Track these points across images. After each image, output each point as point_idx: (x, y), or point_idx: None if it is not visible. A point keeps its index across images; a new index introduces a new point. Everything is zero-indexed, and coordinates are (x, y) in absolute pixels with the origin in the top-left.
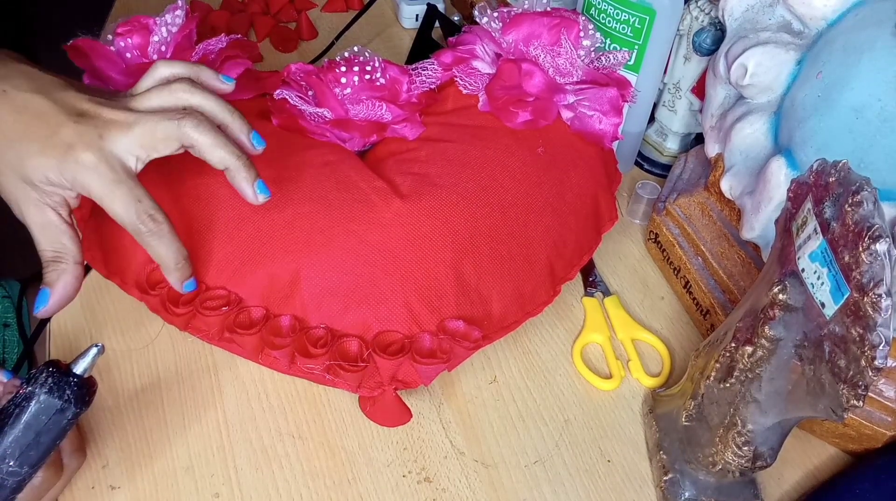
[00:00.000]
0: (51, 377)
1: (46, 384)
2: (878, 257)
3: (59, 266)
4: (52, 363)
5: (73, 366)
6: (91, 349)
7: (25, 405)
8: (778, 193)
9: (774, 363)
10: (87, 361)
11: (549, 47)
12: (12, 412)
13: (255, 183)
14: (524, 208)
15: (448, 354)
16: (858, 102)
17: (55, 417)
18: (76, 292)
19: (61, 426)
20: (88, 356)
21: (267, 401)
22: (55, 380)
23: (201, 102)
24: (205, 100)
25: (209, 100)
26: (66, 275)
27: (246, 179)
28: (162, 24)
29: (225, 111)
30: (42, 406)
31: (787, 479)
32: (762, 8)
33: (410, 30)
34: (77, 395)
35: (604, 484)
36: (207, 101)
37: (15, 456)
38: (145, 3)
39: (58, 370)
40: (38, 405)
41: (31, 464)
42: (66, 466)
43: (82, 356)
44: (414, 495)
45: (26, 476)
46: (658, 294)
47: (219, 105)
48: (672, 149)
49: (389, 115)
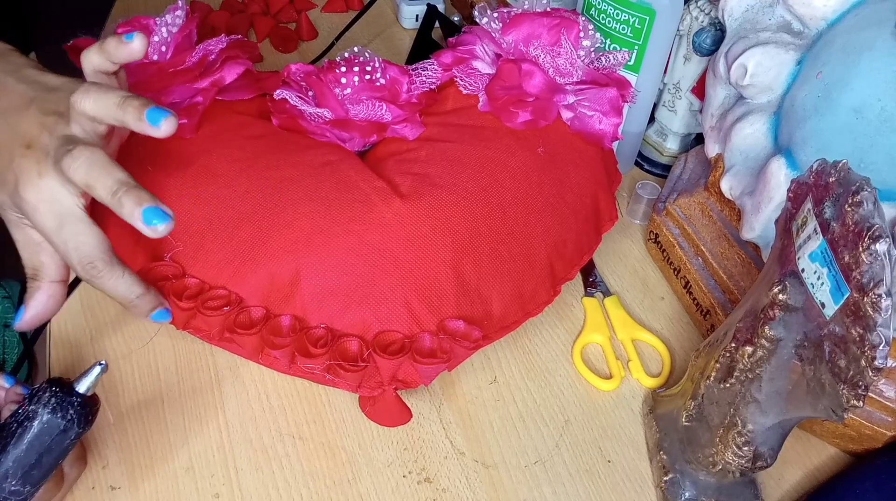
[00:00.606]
0: (54, 396)
1: (49, 403)
2: (878, 257)
3: (34, 284)
4: (55, 382)
5: (76, 385)
6: (94, 368)
7: (28, 424)
8: (778, 193)
9: (774, 364)
10: (90, 379)
11: (549, 48)
12: (14, 431)
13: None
14: (524, 208)
15: (448, 354)
16: (858, 102)
17: (58, 437)
18: (52, 310)
19: (64, 445)
20: (92, 375)
21: (267, 401)
22: (58, 400)
23: (92, 109)
24: (94, 106)
25: (97, 102)
26: (39, 293)
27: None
28: (162, 24)
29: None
30: (45, 427)
31: (787, 479)
32: (762, 8)
33: (410, 30)
34: (80, 415)
35: (604, 485)
36: (95, 105)
37: (17, 476)
38: (145, 3)
39: (61, 389)
40: (41, 426)
41: (34, 483)
42: (66, 476)
43: (85, 374)
44: (414, 495)
45: (28, 494)
46: (658, 294)
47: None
48: (672, 149)
49: (389, 115)
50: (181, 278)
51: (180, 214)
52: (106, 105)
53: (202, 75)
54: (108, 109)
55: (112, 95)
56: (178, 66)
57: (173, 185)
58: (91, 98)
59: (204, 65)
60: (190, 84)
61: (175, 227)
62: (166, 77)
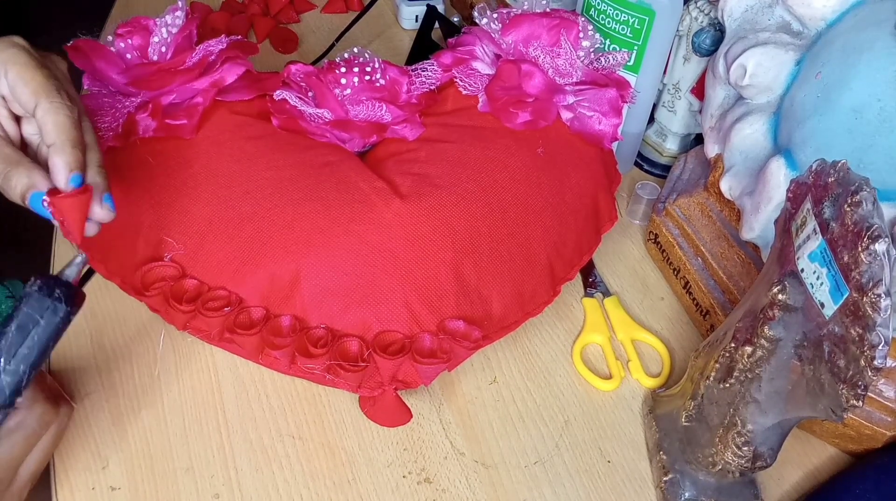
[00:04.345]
0: (39, 279)
1: (36, 284)
2: (878, 257)
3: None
4: (40, 275)
5: (60, 275)
6: (77, 258)
7: (18, 306)
8: (777, 193)
9: (774, 364)
10: (73, 268)
11: (549, 48)
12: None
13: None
14: (524, 209)
15: (448, 354)
16: (858, 102)
17: (48, 315)
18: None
19: (55, 324)
20: (73, 265)
21: (267, 402)
22: (44, 282)
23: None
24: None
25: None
26: None
27: None
28: (162, 24)
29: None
30: (34, 305)
31: (787, 479)
32: (761, 8)
33: (410, 31)
34: (67, 295)
35: (604, 485)
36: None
37: (12, 354)
38: (145, 3)
39: (47, 276)
40: (29, 305)
41: (29, 364)
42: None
43: (68, 265)
44: (414, 495)
45: (23, 376)
46: (658, 295)
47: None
48: (672, 149)
49: (389, 115)
50: (181, 280)
51: (180, 214)
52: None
53: (202, 76)
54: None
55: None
56: (178, 66)
57: (173, 185)
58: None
59: (204, 65)
60: (190, 84)
61: None
62: (166, 77)
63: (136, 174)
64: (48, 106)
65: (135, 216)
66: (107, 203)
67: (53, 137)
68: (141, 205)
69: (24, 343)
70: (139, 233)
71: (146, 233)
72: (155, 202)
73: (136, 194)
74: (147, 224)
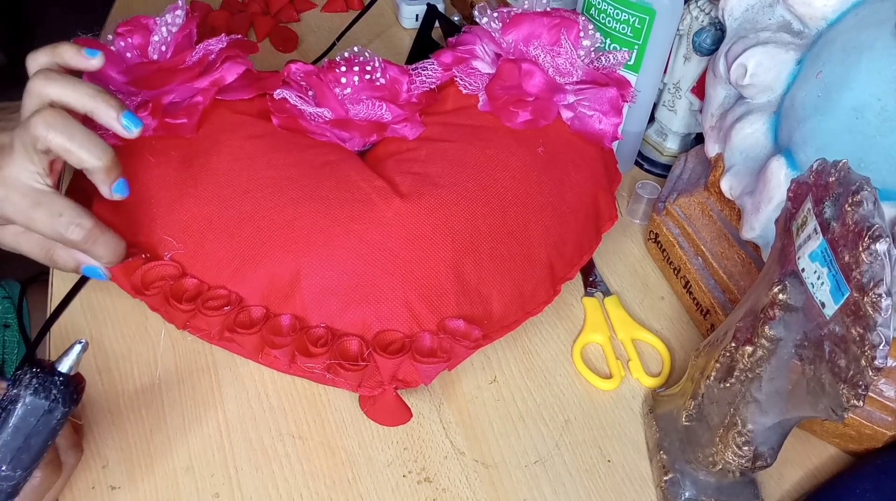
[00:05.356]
0: (35, 377)
1: (31, 385)
2: (878, 257)
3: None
4: (36, 363)
5: (57, 365)
6: (75, 346)
7: (11, 408)
8: (778, 192)
9: (774, 363)
10: (71, 358)
11: (549, 47)
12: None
13: (113, 185)
14: (524, 208)
15: (448, 353)
16: (858, 102)
17: (44, 418)
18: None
19: (51, 426)
20: (72, 354)
21: (267, 401)
22: (40, 381)
23: (59, 93)
24: (62, 90)
25: (66, 88)
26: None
27: (103, 182)
28: (162, 24)
29: (85, 97)
30: (29, 409)
31: (787, 479)
32: (762, 8)
33: (410, 30)
34: (64, 394)
35: (604, 484)
36: (65, 90)
37: (7, 461)
38: (145, 3)
39: (42, 370)
40: (24, 408)
41: (24, 467)
42: (64, 463)
43: (66, 353)
44: (414, 495)
45: (20, 479)
46: (658, 294)
47: (77, 92)
48: (672, 149)
49: (389, 115)
50: (180, 279)
51: (180, 213)
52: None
53: (202, 75)
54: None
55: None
56: (178, 65)
57: (173, 184)
58: (57, 84)
59: (204, 64)
60: (190, 83)
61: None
62: (166, 76)
63: (136, 169)
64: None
65: (134, 215)
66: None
67: None
68: (141, 204)
69: (19, 448)
70: (139, 232)
71: (146, 232)
72: (155, 201)
73: (136, 193)
74: (147, 223)
